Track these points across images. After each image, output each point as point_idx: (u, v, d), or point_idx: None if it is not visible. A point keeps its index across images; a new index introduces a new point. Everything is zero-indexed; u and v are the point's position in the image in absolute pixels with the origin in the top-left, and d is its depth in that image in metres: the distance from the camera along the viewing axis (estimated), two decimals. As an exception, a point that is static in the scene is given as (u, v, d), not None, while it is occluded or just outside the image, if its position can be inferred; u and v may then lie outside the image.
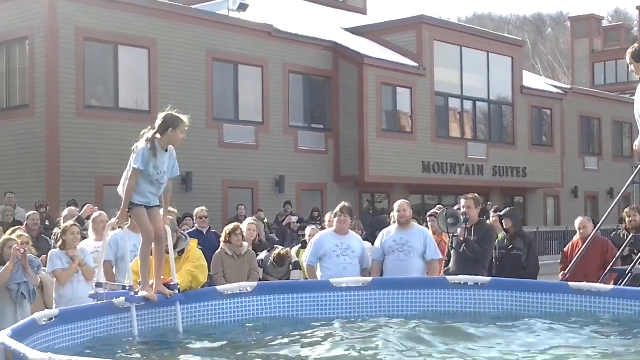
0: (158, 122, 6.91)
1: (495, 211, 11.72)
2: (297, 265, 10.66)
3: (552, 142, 33.01)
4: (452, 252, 9.66)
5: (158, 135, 6.83)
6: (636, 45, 6.64)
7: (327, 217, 11.20)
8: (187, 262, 7.50)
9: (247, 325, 7.10)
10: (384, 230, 9.72)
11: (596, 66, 56.77)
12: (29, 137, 20.05)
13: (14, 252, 8.29)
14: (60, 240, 8.85)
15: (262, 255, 10.99)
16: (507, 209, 11.40)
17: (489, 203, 15.39)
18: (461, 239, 9.48)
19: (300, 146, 24.75)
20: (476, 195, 10.02)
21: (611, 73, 55.61)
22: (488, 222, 10.68)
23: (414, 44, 27.59)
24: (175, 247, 7.34)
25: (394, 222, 9.70)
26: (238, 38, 23.19)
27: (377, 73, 25.75)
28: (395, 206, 9.50)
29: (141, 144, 6.79)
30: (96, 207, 13.03)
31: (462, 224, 9.39)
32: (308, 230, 11.52)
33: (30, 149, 19.96)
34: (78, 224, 9.49)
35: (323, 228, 12.32)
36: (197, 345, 6.17)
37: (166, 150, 6.95)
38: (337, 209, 9.33)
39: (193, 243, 7.85)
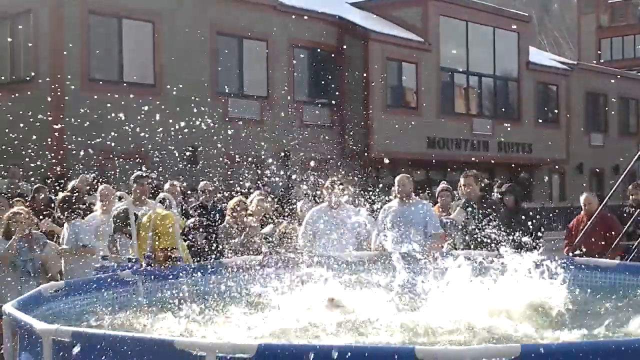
0: None
1: (499, 187, 11.68)
2: None
3: (558, 118, 32.91)
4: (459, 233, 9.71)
5: None
6: None
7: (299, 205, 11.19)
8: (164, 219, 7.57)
9: (253, 297, 7.07)
10: (385, 205, 9.71)
11: (603, 42, 56.41)
12: (33, 110, 20.01)
13: (19, 230, 8.22)
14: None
15: (268, 228, 10.98)
16: (507, 184, 11.19)
17: (495, 180, 15.29)
18: (470, 227, 9.49)
19: (305, 121, 24.70)
20: (474, 171, 9.95)
21: (618, 49, 55.27)
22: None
23: (420, 19, 27.45)
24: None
25: (395, 196, 9.69)
26: (243, 12, 23.07)
27: (382, 48, 25.63)
28: (396, 181, 9.49)
29: None
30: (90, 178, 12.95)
31: (462, 227, 9.42)
32: (299, 204, 11.48)
33: (35, 122, 19.92)
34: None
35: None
36: (202, 314, 6.16)
37: None
38: (327, 182, 9.28)
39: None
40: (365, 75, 25.33)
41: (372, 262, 7.86)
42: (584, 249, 9.58)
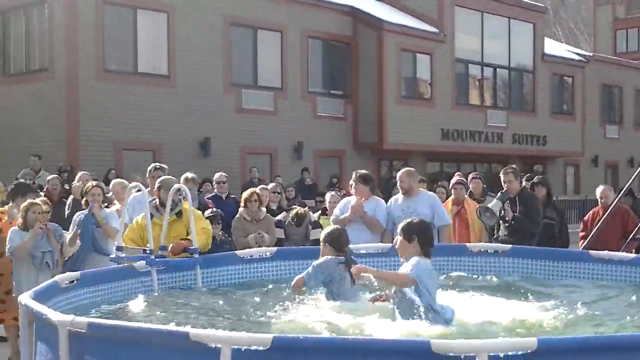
0: None
1: (527, 179, 11.63)
2: (316, 225, 10.62)
3: (573, 110, 32.74)
4: (501, 222, 9.80)
5: None
6: None
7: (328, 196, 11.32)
8: (198, 221, 7.48)
9: (267, 289, 7.08)
10: (392, 199, 9.70)
11: (618, 33, 55.97)
12: (48, 100, 20.09)
13: (36, 229, 8.23)
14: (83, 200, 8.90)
15: (281, 216, 11.02)
16: (540, 176, 11.40)
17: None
18: (507, 218, 9.59)
19: (319, 112, 24.68)
20: (513, 166, 10.25)
21: (634, 41, 54.85)
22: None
23: (435, 9, 27.34)
24: (172, 209, 7.37)
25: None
26: (257, 2, 23.04)
27: (396, 39, 25.55)
28: (397, 176, 9.55)
29: None
30: (86, 173, 12.95)
31: (496, 217, 9.67)
32: (328, 196, 11.50)
33: (50, 112, 20.01)
34: (101, 185, 9.41)
35: (343, 195, 12.29)
36: (217, 307, 6.18)
37: None
38: (353, 176, 9.39)
39: (186, 205, 7.89)
40: (379, 66, 25.26)
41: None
42: (600, 243, 9.53)
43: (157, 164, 9.77)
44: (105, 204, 9.32)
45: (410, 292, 5.34)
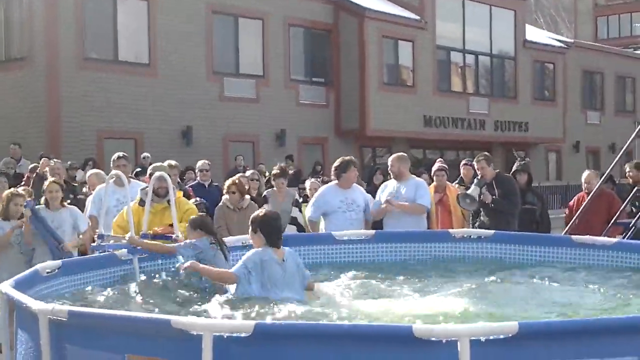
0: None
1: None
2: (297, 204, 10.57)
3: (554, 96, 32.87)
4: (481, 209, 9.82)
5: None
6: None
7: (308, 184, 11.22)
8: (192, 211, 7.51)
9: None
10: (383, 184, 9.72)
11: (599, 20, 56.17)
12: (29, 89, 19.94)
13: (18, 222, 8.17)
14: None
15: (266, 192, 11.02)
16: (521, 162, 11.43)
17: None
18: (487, 202, 9.61)
19: (301, 100, 24.63)
20: (486, 153, 10.27)
21: (614, 27, 55.10)
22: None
23: (417, -4, 27.32)
24: (164, 197, 7.34)
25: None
26: (238, -10, 22.93)
27: (378, 26, 25.52)
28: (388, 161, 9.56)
29: None
30: (52, 162, 12.80)
31: (476, 203, 9.67)
32: (308, 183, 11.48)
33: (31, 101, 19.87)
34: (60, 183, 9.16)
35: (324, 182, 12.24)
36: (196, 296, 6.15)
37: None
38: (337, 162, 9.29)
39: (179, 194, 7.84)
40: (360, 53, 25.24)
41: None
42: (585, 227, 9.56)
43: (120, 153, 9.64)
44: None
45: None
